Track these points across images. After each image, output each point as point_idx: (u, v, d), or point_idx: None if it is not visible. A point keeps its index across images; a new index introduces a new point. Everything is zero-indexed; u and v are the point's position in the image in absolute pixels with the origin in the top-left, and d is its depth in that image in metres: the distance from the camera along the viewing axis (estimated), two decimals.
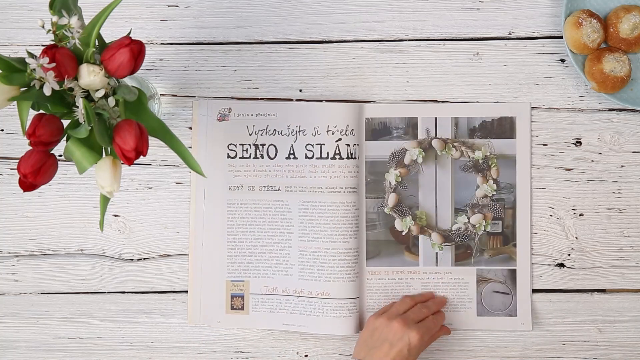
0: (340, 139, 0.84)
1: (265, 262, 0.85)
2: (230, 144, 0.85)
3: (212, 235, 0.85)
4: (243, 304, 0.85)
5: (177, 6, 0.87)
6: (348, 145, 0.84)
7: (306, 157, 0.84)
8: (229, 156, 0.85)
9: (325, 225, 0.83)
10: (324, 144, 0.84)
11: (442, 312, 0.83)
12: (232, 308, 0.85)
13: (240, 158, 0.85)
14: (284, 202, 0.84)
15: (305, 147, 0.84)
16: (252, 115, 0.85)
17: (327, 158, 0.84)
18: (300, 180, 0.84)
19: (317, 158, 0.84)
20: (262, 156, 0.85)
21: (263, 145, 0.85)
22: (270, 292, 0.84)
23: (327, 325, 0.83)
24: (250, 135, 0.85)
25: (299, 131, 0.85)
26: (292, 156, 0.85)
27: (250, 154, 0.85)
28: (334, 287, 0.83)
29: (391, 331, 0.76)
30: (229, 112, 0.85)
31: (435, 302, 0.83)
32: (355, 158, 0.84)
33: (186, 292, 0.86)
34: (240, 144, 0.85)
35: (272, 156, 0.85)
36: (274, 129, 0.85)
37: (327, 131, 0.84)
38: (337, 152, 0.84)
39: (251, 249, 0.85)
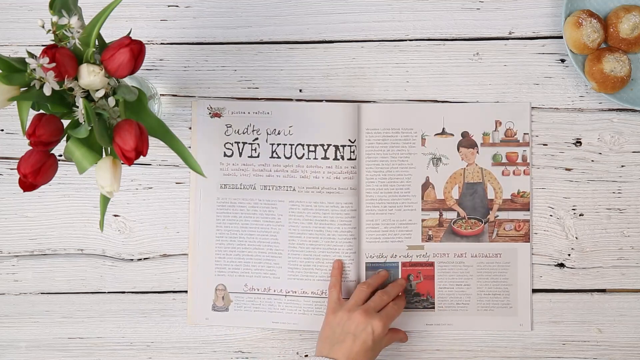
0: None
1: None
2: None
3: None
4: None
5: (177, 6, 0.87)
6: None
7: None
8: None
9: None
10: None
11: (403, 296, 0.83)
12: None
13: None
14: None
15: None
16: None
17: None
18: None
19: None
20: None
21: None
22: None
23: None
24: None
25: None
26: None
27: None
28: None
29: (353, 323, 0.75)
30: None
31: (394, 286, 0.82)
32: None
33: (186, 292, 0.86)
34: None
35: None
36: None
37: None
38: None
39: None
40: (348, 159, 0.84)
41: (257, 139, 0.85)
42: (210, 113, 0.85)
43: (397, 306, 0.80)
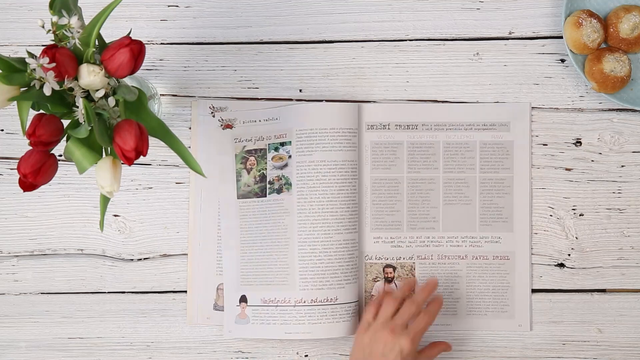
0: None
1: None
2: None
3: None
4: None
5: (177, 6, 0.87)
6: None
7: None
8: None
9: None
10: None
11: (436, 299, 0.79)
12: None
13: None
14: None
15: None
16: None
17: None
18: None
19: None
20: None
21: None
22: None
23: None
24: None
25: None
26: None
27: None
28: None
29: (381, 344, 0.74)
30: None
31: (423, 291, 0.79)
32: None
33: (186, 292, 0.86)
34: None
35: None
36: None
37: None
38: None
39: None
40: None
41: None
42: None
43: (428, 316, 0.77)
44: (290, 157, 0.84)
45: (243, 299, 0.84)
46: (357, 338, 0.77)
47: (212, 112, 0.86)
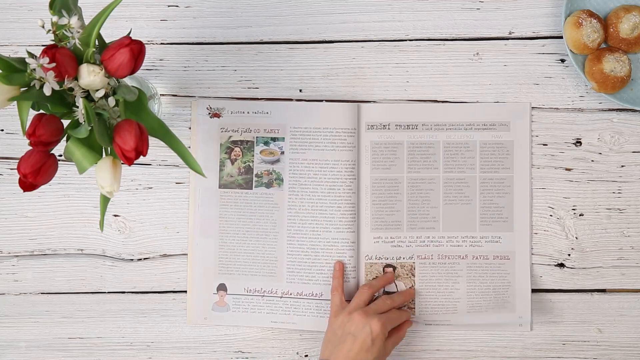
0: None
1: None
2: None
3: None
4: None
5: (177, 6, 0.87)
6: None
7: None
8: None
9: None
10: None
11: (407, 311, 0.83)
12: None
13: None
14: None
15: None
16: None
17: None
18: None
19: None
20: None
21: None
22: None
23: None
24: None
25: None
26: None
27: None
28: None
29: (353, 324, 0.76)
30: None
31: (401, 294, 0.82)
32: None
33: (186, 292, 0.86)
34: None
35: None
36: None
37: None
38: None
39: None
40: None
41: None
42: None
43: (400, 313, 0.80)
44: (282, 153, 0.84)
45: (222, 287, 0.84)
46: (330, 321, 0.80)
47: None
